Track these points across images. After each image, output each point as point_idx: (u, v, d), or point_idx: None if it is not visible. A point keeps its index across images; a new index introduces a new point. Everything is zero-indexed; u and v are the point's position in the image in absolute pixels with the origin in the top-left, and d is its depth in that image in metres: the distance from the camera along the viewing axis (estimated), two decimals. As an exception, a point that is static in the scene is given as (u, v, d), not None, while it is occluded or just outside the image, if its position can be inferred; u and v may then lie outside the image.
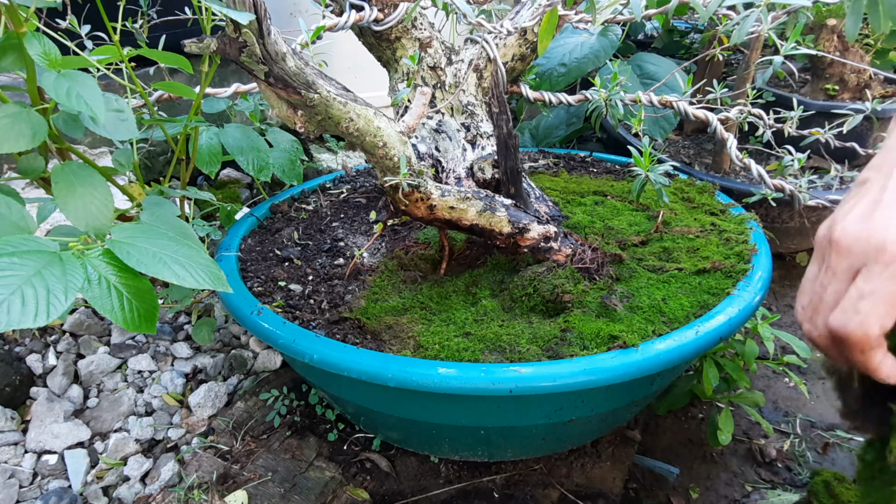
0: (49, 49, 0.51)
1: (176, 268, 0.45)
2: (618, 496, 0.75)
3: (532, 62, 0.83)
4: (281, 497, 0.71)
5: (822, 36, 1.22)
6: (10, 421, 0.79)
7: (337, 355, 0.58)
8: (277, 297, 0.71)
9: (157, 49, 0.66)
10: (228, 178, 1.33)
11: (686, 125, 1.47)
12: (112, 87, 0.97)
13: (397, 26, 0.71)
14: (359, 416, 0.77)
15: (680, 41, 1.65)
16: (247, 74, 0.54)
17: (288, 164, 0.87)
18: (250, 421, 0.83)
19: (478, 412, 0.63)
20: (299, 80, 0.53)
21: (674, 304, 0.64)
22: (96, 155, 1.08)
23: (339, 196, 1.01)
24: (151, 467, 0.77)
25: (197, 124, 0.73)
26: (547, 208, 0.77)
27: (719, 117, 0.91)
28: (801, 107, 0.90)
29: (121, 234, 0.48)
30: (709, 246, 0.74)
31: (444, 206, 0.63)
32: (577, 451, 0.80)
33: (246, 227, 0.87)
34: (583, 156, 1.12)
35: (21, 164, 0.60)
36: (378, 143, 0.58)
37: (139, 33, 0.78)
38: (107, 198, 0.53)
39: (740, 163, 0.91)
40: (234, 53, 0.50)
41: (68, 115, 0.59)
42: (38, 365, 0.87)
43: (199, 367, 0.93)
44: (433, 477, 0.78)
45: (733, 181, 1.18)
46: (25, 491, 0.73)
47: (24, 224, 0.50)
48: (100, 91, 0.52)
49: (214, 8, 0.47)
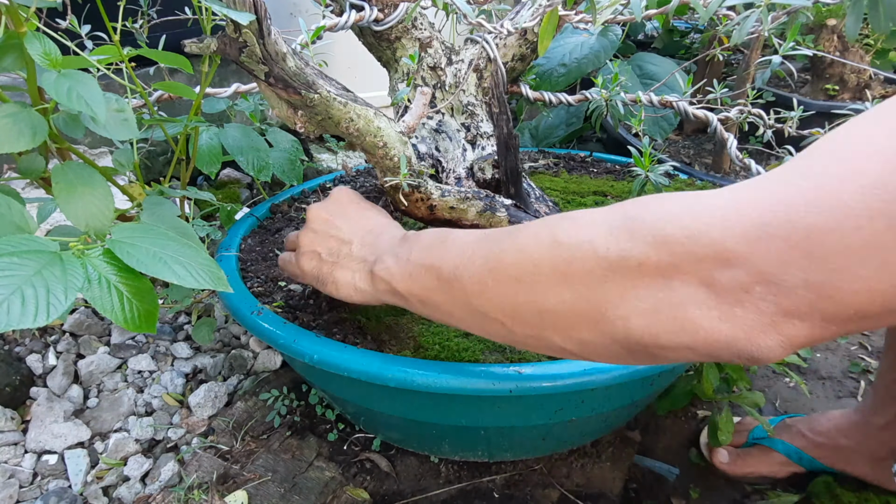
0: (49, 49, 0.51)
1: (176, 268, 0.45)
2: (618, 496, 0.75)
3: (532, 62, 0.83)
4: (281, 497, 0.71)
5: (822, 36, 1.23)
6: (10, 421, 0.79)
7: (337, 355, 0.58)
8: (277, 297, 0.71)
9: (157, 49, 0.65)
10: (228, 178, 1.33)
11: (686, 125, 1.47)
12: (112, 87, 0.97)
13: (397, 26, 0.71)
14: (359, 416, 0.77)
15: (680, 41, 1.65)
16: (247, 74, 0.54)
17: (288, 164, 0.87)
18: (250, 421, 0.83)
19: (478, 412, 0.63)
20: (299, 80, 0.53)
21: (674, 304, 0.64)
22: (96, 155, 1.08)
23: (339, 196, 1.01)
24: (151, 467, 0.77)
25: (197, 124, 0.73)
26: (547, 208, 0.77)
27: (719, 117, 0.91)
28: (801, 107, 0.90)
29: (121, 234, 0.48)
30: (709, 246, 0.74)
31: (444, 206, 0.63)
32: (577, 451, 0.80)
33: (246, 227, 0.87)
34: (583, 156, 1.12)
35: (21, 164, 0.60)
36: (378, 144, 0.58)
37: (139, 33, 0.78)
38: (107, 198, 0.53)
39: (740, 163, 0.91)
40: (234, 53, 0.50)
41: (68, 115, 0.59)
42: (38, 365, 0.87)
43: (199, 367, 0.93)
44: (433, 477, 0.78)
45: (733, 181, 1.18)
46: (25, 491, 0.73)
47: (24, 224, 0.50)
48: (100, 91, 0.51)
49: (214, 8, 0.47)
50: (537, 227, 0.39)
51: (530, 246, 0.38)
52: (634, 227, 0.33)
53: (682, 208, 0.32)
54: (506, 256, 0.40)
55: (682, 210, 0.32)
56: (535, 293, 0.38)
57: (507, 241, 0.41)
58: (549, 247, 0.37)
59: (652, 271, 0.32)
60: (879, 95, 1.26)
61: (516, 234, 0.41)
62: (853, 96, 1.28)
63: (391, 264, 0.50)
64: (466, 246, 0.44)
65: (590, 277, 0.35)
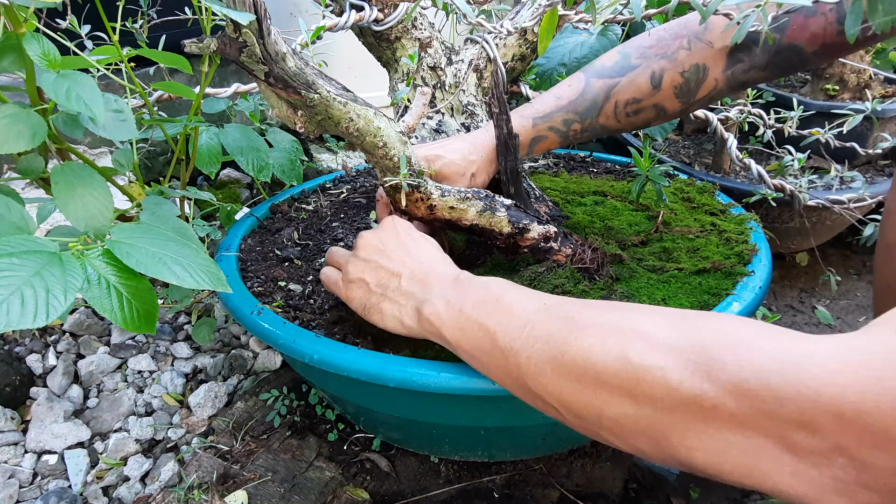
0: (48, 49, 0.51)
1: (176, 268, 0.45)
2: (618, 496, 0.75)
3: (532, 62, 0.83)
4: (281, 497, 0.71)
5: (823, 36, 1.22)
6: (10, 421, 0.79)
7: (337, 355, 0.58)
8: (277, 297, 0.71)
9: (156, 49, 0.65)
10: (228, 178, 1.33)
11: (686, 125, 1.47)
12: (112, 88, 0.97)
13: (397, 26, 0.71)
14: (359, 416, 0.77)
15: (680, 41, 1.65)
16: (247, 74, 0.54)
17: (288, 164, 0.87)
18: (250, 421, 0.83)
19: (478, 412, 0.63)
20: (299, 80, 0.53)
21: (674, 304, 0.64)
22: (96, 155, 1.08)
23: (339, 196, 1.01)
24: (151, 467, 0.77)
25: (197, 124, 0.73)
26: (547, 208, 0.77)
27: (719, 117, 0.91)
28: (801, 107, 0.90)
29: (120, 235, 0.48)
30: (709, 246, 0.74)
31: (444, 206, 0.63)
32: (577, 451, 0.80)
33: (246, 227, 0.87)
34: (583, 156, 1.12)
35: (21, 165, 0.60)
36: (378, 143, 0.58)
37: (139, 33, 0.78)
38: (106, 198, 0.53)
39: (740, 163, 0.91)
40: (234, 53, 0.50)
41: (68, 116, 0.59)
42: (38, 365, 0.88)
43: (199, 367, 0.93)
44: (433, 477, 0.78)
45: (733, 181, 1.18)
46: (25, 491, 0.73)
47: (23, 224, 0.50)
48: (99, 91, 0.51)
49: (214, 8, 0.47)
50: (606, 332, 0.38)
51: (597, 352, 0.37)
52: (713, 370, 0.32)
53: (769, 362, 0.31)
54: (569, 351, 0.39)
55: (769, 364, 0.31)
56: (596, 398, 0.37)
57: (571, 333, 0.40)
58: (617, 360, 0.36)
59: (726, 417, 0.31)
60: (879, 95, 1.26)
61: (582, 332, 0.39)
62: (853, 96, 1.28)
63: (441, 309, 0.50)
64: (526, 317, 0.44)
65: (658, 403, 0.34)
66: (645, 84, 0.65)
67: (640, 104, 0.66)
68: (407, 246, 0.58)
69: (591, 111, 0.67)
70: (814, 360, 0.30)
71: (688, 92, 0.65)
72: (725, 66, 0.64)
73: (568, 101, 0.67)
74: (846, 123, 0.87)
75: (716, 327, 0.35)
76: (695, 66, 0.64)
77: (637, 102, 0.66)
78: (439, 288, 0.52)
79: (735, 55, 0.63)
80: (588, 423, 0.39)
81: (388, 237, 0.59)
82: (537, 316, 0.43)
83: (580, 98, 0.67)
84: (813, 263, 1.34)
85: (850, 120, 0.87)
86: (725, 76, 0.64)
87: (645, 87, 0.65)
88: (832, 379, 0.29)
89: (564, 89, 0.68)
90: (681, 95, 0.66)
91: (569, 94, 0.67)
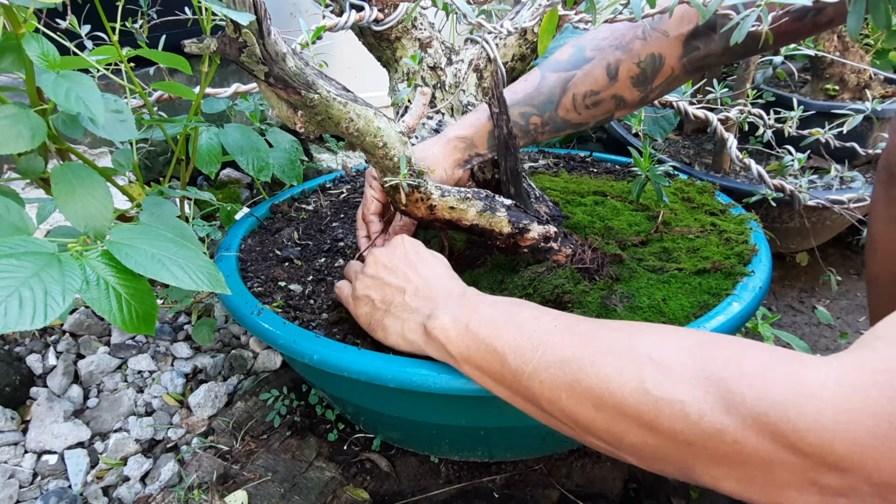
0: (48, 50, 0.51)
1: (174, 269, 0.45)
2: (618, 496, 0.75)
3: (532, 62, 0.83)
4: (281, 497, 0.71)
5: (822, 36, 1.22)
6: (10, 421, 0.79)
7: (337, 355, 0.58)
8: (277, 297, 0.71)
9: (156, 49, 0.65)
10: (228, 178, 1.33)
11: (686, 125, 1.47)
12: (112, 88, 0.97)
13: (397, 26, 0.71)
14: (359, 416, 0.77)
15: (680, 41, 1.64)
16: (247, 74, 0.54)
17: (288, 164, 0.87)
18: (250, 421, 0.83)
19: (478, 412, 0.63)
20: (299, 80, 0.53)
21: (674, 304, 0.64)
22: (96, 155, 1.08)
23: (339, 196, 1.01)
24: (151, 467, 0.77)
25: (197, 124, 0.73)
26: (547, 208, 0.77)
27: (719, 117, 0.91)
28: (801, 107, 0.90)
29: (120, 235, 0.48)
30: (709, 246, 0.74)
31: (444, 206, 0.63)
32: (577, 451, 0.80)
33: (246, 227, 0.87)
34: (583, 156, 1.12)
35: (20, 165, 0.60)
36: (378, 144, 0.58)
37: (139, 33, 0.78)
38: (106, 198, 0.53)
39: (740, 163, 0.91)
40: (234, 53, 0.50)
41: (67, 116, 0.59)
42: (38, 365, 0.88)
43: (199, 367, 0.93)
44: (433, 477, 0.78)
45: (733, 181, 1.18)
46: (25, 491, 0.73)
47: (23, 225, 0.50)
48: (99, 92, 0.51)
49: (214, 8, 0.47)
50: (622, 362, 0.38)
51: (613, 382, 0.37)
52: (732, 403, 0.32)
53: (785, 394, 0.31)
54: (585, 379, 0.39)
55: (785, 396, 0.31)
56: (616, 426, 0.37)
57: (585, 360, 0.39)
58: (635, 392, 0.36)
59: (749, 451, 0.32)
60: (879, 95, 1.26)
61: (597, 359, 0.39)
62: (853, 96, 1.28)
63: (448, 325, 0.50)
64: (537, 339, 0.43)
65: (678, 436, 0.34)
66: (601, 76, 0.65)
67: (599, 96, 0.66)
68: (413, 263, 0.58)
69: (549, 105, 0.67)
70: (827, 387, 0.30)
71: (644, 80, 0.65)
72: (682, 54, 0.63)
73: (524, 95, 0.67)
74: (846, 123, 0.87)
75: (729, 356, 0.34)
76: (650, 55, 0.63)
77: (595, 94, 0.66)
78: (445, 304, 0.52)
79: (691, 43, 0.62)
80: (608, 446, 0.39)
81: (395, 254, 0.59)
82: (550, 338, 0.43)
83: (536, 92, 0.67)
84: (813, 263, 1.34)
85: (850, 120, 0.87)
86: (682, 63, 0.64)
87: (601, 79, 0.65)
88: (850, 404, 0.29)
89: (520, 84, 0.68)
90: (638, 84, 0.65)
91: (524, 88, 0.67)
